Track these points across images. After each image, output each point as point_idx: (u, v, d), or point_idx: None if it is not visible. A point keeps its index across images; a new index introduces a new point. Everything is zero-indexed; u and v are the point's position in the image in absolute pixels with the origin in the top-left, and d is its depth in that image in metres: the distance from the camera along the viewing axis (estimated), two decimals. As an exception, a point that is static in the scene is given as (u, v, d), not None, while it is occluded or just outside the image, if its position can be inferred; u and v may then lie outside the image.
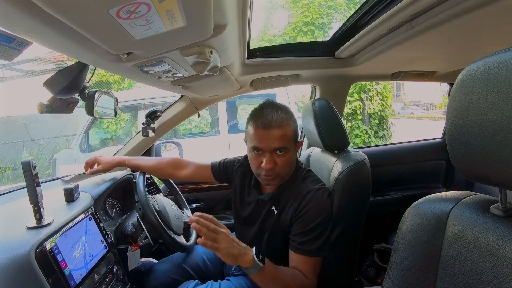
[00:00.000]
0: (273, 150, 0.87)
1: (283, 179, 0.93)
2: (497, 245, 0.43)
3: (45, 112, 0.89)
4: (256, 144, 0.87)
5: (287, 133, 0.87)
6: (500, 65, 0.39)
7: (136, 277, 1.13)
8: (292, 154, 0.91)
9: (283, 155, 0.88)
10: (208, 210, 1.73)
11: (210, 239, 0.73)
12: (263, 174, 0.90)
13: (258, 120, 0.87)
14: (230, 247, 0.74)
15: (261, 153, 0.88)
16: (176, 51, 0.69)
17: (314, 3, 7.44)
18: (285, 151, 0.87)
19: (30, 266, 0.64)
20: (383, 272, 1.40)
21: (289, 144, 0.88)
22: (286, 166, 0.90)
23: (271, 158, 0.87)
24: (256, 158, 0.89)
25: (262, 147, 0.87)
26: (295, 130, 0.91)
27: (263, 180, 0.92)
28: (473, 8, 0.68)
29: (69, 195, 0.93)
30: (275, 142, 0.85)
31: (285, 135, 0.86)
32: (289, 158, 0.89)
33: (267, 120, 0.86)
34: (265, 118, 0.86)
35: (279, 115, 0.87)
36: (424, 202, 0.58)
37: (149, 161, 1.24)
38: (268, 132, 0.85)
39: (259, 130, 0.86)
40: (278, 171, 0.88)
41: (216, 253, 0.73)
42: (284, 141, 0.86)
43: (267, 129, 0.85)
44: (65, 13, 0.42)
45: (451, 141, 0.48)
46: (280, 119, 0.86)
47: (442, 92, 16.62)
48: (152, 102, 3.61)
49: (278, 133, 0.85)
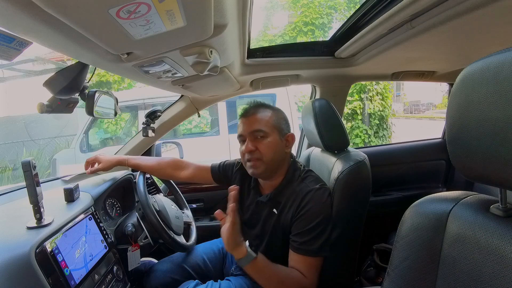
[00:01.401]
0: (252, 133, 0.93)
1: (268, 166, 0.93)
2: (497, 245, 0.43)
3: (45, 112, 0.89)
4: (239, 131, 0.97)
5: (264, 118, 0.94)
6: (500, 65, 0.39)
7: (136, 277, 1.14)
8: (274, 140, 0.94)
9: (262, 139, 0.93)
10: (208, 210, 1.73)
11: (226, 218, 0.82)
12: (246, 159, 0.95)
13: (241, 112, 0.99)
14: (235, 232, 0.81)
15: (243, 140, 0.96)
16: (176, 51, 0.69)
17: (314, 3, 7.43)
18: (264, 135, 0.93)
19: (30, 266, 0.64)
20: (383, 272, 1.40)
21: (268, 129, 0.93)
22: (268, 150, 0.92)
23: (251, 141, 0.93)
24: (241, 146, 0.96)
25: (242, 133, 0.95)
26: (276, 119, 0.97)
27: (248, 168, 0.96)
28: (473, 8, 0.68)
29: (69, 195, 0.93)
30: (252, 125, 0.93)
31: (261, 120, 0.94)
32: (269, 143, 0.93)
33: (247, 109, 0.98)
34: (245, 110, 0.99)
35: (256, 104, 0.99)
36: (424, 202, 0.58)
37: (149, 161, 1.24)
38: (247, 119, 0.95)
39: (241, 119, 0.97)
40: (259, 155, 0.92)
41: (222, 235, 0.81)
42: (261, 124, 0.93)
43: (246, 116, 0.96)
44: (65, 13, 0.42)
45: (451, 141, 0.48)
46: (257, 107, 0.97)
47: (442, 92, 16.64)
48: (152, 102, 3.61)
49: (255, 117, 0.94)
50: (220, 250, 1.23)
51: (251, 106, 0.99)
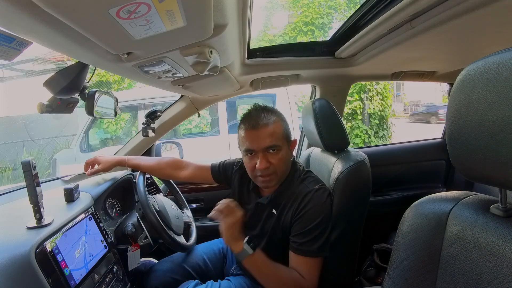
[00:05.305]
0: (265, 149, 0.87)
1: (280, 179, 0.93)
2: (497, 245, 0.43)
3: (45, 112, 0.89)
4: (248, 146, 0.88)
5: (276, 130, 0.88)
6: (500, 65, 0.39)
7: (136, 277, 1.14)
8: (286, 152, 0.91)
9: (276, 154, 0.88)
10: (208, 210, 1.72)
11: (226, 211, 0.89)
12: (259, 175, 0.89)
13: (246, 122, 0.89)
14: (233, 227, 0.86)
15: (254, 154, 0.89)
16: (176, 51, 0.69)
17: (314, 3, 7.44)
18: (277, 149, 0.88)
19: (30, 266, 0.64)
20: (383, 272, 1.40)
21: (280, 142, 0.89)
22: (281, 164, 0.89)
23: (264, 157, 0.87)
24: (250, 160, 0.90)
25: (253, 148, 0.88)
26: (285, 128, 0.92)
27: (260, 182, 0.92)
28: (473, 8, 0.68)
29: (69, 195, 0.93)
30: (265, 140, 0.86)
31: (274, 133, 0.87)
32: (282, 156, 0.89)
33: (255, 120, 0.88)
34: (253, 119, 0.88)
35: (266, 115, 0.89)
36: (424, 202, 0.58)
37: (149, 161, 1.24)
38: (257, 132, 0.87)
39: (249, 131, 0.88)
40: (273, 170, 0.88)
41: (220, 225, 0.84)
42: (274, 139, 0.87)
43: (256, 129, 0.87)
44: (65, 13, 0.42)
45: (451, 141, 0.48)
46: (267, 118, 0.88)
47: (442, 92, 16.62)
48: (152, 102, 3.61)
49: (267, 132, 0.87)
50: (220, 250, 1.23)
51: (257, 113, 0.89)
